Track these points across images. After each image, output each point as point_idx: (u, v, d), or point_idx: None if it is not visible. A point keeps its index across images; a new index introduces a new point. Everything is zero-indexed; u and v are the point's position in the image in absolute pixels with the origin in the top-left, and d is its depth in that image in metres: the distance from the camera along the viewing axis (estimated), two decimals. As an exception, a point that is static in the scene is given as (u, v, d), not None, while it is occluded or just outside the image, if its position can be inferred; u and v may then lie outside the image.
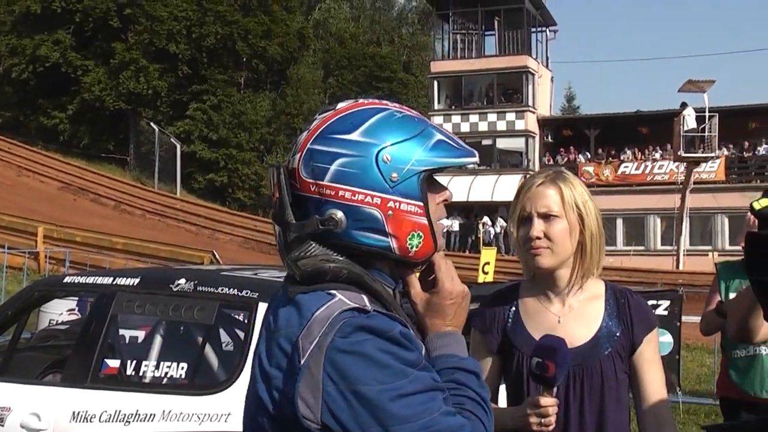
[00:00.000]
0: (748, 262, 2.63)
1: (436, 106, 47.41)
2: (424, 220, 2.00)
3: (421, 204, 1.99)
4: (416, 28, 69.58)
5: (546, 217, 2.91)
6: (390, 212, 1.97)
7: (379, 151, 1.96)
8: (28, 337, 9.31)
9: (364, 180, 1.95)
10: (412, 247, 2.00)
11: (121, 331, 6.97)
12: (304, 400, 1.84)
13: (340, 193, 1.95)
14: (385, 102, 2.09)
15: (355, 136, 1.98)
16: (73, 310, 10.77)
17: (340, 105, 2.08)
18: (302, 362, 1.84)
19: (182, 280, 5.40)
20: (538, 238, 2.90)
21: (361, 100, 2.09)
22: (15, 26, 50.80)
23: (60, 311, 11.01)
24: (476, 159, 2.05)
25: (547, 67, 50.03)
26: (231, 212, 41.10)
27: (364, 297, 1.94)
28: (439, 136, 2.01)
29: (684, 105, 35.85)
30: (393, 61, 60.78)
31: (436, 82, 48.32)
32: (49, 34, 49.48)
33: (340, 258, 1.99)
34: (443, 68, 48.23)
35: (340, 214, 1.95)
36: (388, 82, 58.27)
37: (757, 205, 2.68)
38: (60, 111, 49.93)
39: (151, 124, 47.54)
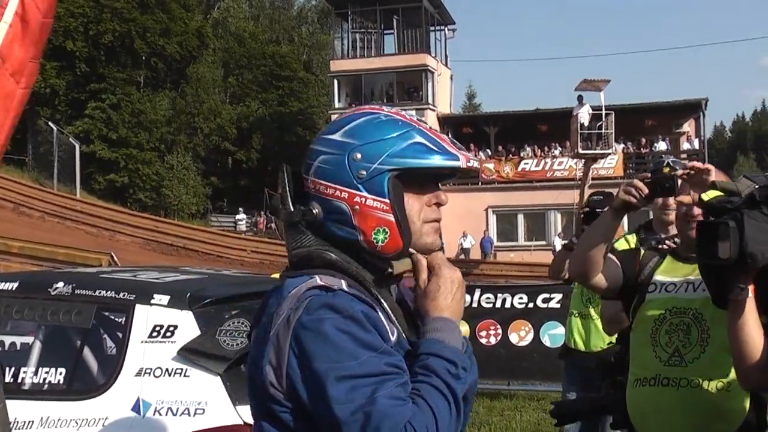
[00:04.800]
0: (697, 248, 2.99)
1: (336, 105, 47.46)
2: (390, 217, 2.10)
3: (387, 201, 2.09)
4: (316, 27, 69.55)
5: None
6: (356, 207, 2.09)
7: (351, 150, 2.10)
8: None
9: (335, 175, 2.11)
10: (378, 242, 2.10)
11: (10, 338, 6.85)
12: (272, 368, 2.00)
13: (319, 187, 2.13)
14: (383, 108, 2.20)
15: (336, 136, 2.14)
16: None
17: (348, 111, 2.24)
18: (271, 333, 2.00)
19: (60, 284, 5.33)
20: None
21: (367, 107, 2.22)
22: None
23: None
24: (457, 163, 2.12)
25: (446, 65, 50.44)
26: (132, 213, 40.39)
27: (343, 281, 2.07)
28: (417, 139, 2.11)
29: (580, 98, 36.55)
30: (293, 60, 60.62)
31: (336, 81, 48.36)
32: (-62, 31, 48.12)
33: (331, 248, 2.13)
34: (343, 67, 48.28)
35: (318, 207, 2.13)
36: (288, 81, 58.10)
37: (705, 197, 3.00)
38: (-48, 111, 48.68)
39: (49, 123, 46.50)
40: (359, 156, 2.08)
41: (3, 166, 46.02)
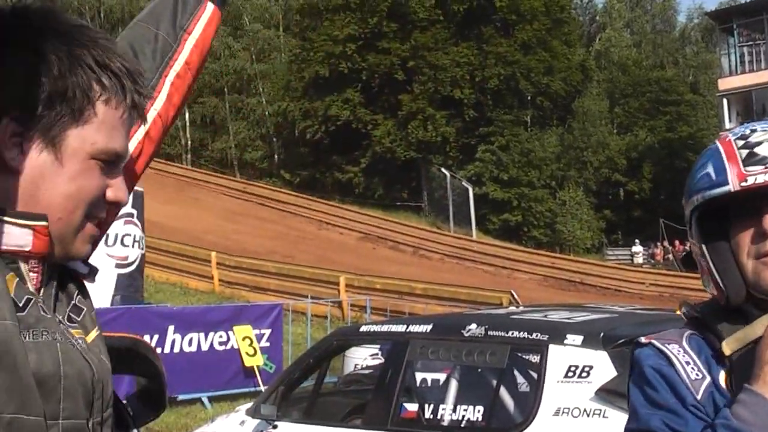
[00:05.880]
0: None
1: (726, 125, 45.39)
2: (703, 262, 1.87)
3: (697, 245, 1.88)
4: (700, 46, 67.42)
5: None
6: (695, 256, 1.92)
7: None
8: (335, 381, 9.74)
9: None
10: (711, 292, 1.90)
11: (421, 374, 7.14)
12: None
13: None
14: (728, 133, 1.92)
15: None
16: (376, 354, 11.08)
17: None
18: None
19: (473, 326, 5.48)
20: None
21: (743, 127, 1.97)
22: (306, 91, 53.35)
23: (363, 356, 11.40)
24: (723, 189, 1.79)
25: None
26: (528, 251, 40.99)
27: (685, 334, 1.89)
28: (707, 169, 1.85)
29: None
30: (679, 83, 59.00)
31: (725, 100, 46.46)
32: (338, 94, 51.54)
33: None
34: (731, 85, 46.25)
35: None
36: (675, 105, 56.53)
37: None
38: (353, 165, 51.86)
39: (442, 169, 48.40)
40: (684, 200, 1.90)
41: (402, 212, 48.56)
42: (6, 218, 1.50)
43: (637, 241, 49.11)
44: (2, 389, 1.40)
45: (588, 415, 4.64)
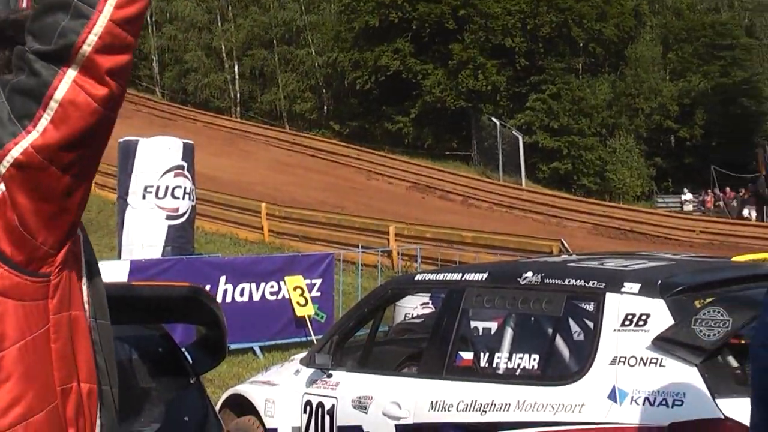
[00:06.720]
0: None
1: (785, 71, 44.63)
2: None
3: None
4: (756, -13, 65.78)
5: None
6: None
7: None
8: (386, 331, 9.81)
9: None
10: None
11: (473, 323, 7.15)
12: None
13: None
14: None
15: None
16: (427, 303, 11.11)
17: None
18: None
19: (529, 273, 5.45)
20: None
21: None
22: (356, 41, 53.04)
23: (414, 305, 11.43)
24: None
25: None
26: (577, 199, 40.81)
27: None
28: None
29: None
30: (734, 27, 57.69)
31: (784, 45, 45.48)
32: (388, 44, 51.12)
33: None
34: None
35: None
36: (729, 50, 55.25)
37: None
38: (403, 115, 51.53)
39: (492, 119, 48.04)
40: None
41: (451, 162, 48.44)
42: None
43: (685, 189, 48.66)
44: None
45: (645, 364, 4.61)
